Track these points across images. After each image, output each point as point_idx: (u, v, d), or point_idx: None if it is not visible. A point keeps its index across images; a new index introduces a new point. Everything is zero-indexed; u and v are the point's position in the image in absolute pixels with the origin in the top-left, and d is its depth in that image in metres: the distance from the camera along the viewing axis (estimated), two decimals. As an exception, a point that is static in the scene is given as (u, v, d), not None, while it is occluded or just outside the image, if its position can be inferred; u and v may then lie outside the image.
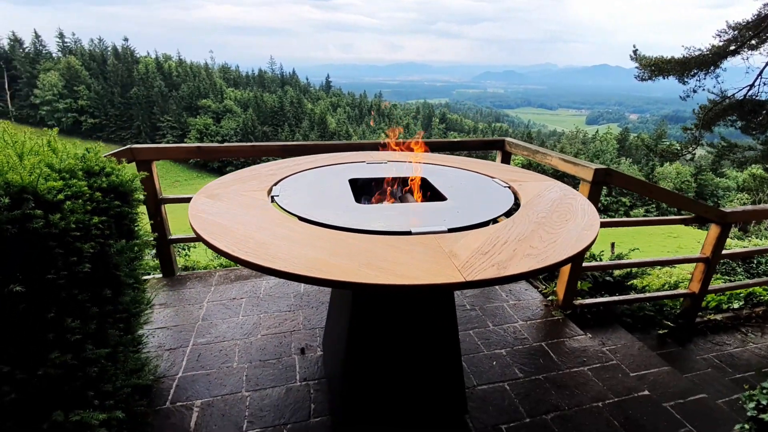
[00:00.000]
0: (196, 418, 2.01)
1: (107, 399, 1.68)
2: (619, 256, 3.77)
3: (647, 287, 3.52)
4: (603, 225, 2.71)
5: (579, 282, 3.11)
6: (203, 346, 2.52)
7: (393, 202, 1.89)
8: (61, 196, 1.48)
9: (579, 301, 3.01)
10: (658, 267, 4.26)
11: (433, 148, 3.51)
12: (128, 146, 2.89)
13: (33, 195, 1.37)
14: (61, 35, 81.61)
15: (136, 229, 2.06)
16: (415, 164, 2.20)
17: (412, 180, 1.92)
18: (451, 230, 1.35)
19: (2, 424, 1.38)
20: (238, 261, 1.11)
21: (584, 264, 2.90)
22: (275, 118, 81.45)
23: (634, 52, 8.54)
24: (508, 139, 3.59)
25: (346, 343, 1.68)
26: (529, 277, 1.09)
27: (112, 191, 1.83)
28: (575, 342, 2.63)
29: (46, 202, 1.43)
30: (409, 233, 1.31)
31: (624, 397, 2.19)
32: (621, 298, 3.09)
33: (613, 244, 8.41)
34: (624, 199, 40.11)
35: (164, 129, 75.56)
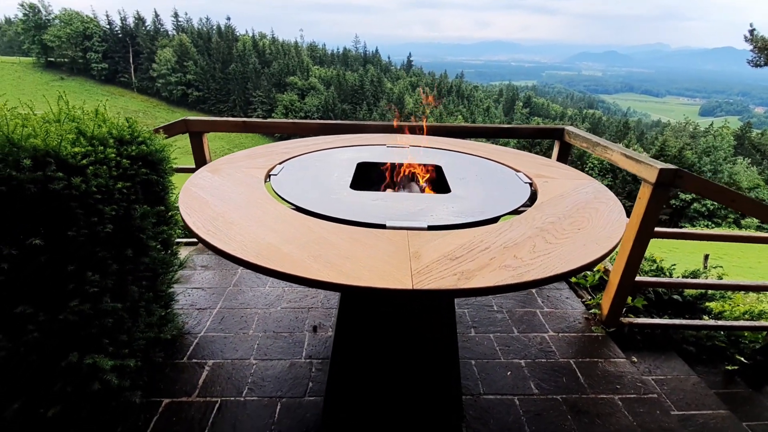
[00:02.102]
0: (204, 376, 2.15)
1: (122, 348, 1.86)
2: (695, 273, 3.21)
3: (724, 314, 2.96)
4: (657, 236, 2.31)
5: (630, 297, 2.71)
6: (227, 311, 2.68)
7: (395, 191, 1.78)
8: (84, 161, 1.61)
9: (628, 320, 2.64)
10: (743, 292, 3.56)
11: (480, 134, 3.27)
12: (183, 118, 3.11)
13: (55, 159, 1.51)
14: (176, 15, 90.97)
15: (166, 196, 2.21)
16: (437, 151, 2.04)
17: (422, 168, 1.78)
18: (431, 227, 1.22)
19: (28, 357, 1.59)
20: (198, 239, 1.11)
21: (638, 278, 2.50)
22: (355, 96, 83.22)
23: (751, 32, 6.96)
24: (568, 127, 3.20)
25: (335, 330, 1.65)
26: (494, 293, 0.93)
27: (140, 159, 1.96)
28: (611, 365, 2.31)
29: (70, 166, 1.57)
30: (383, 226, 1.20)
31: (656, 438, 1.88)
32: (683, 322, 2.64)
33: (706, 257, 7.26)
34: (738, 206, 34.32)
35: (255, 104, 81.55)
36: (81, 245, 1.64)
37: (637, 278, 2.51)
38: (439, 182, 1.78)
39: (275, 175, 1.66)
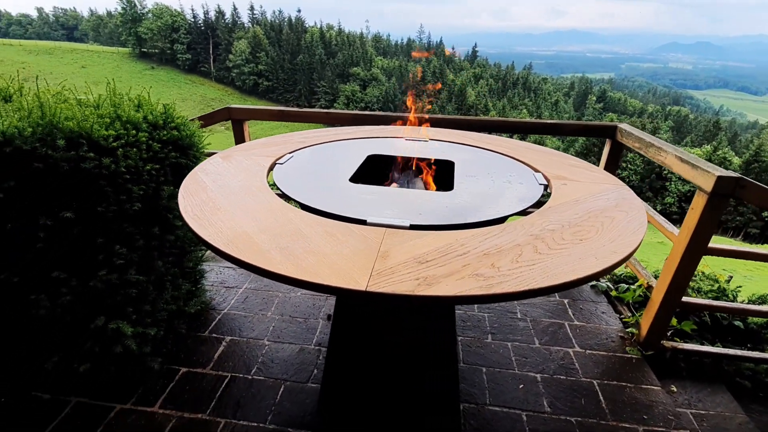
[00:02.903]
0: (220, 351, 2.27)
1: (146, 317, 2.02)
2: (764, 298, 2.76)
3: (797, 349, 2.52)
4: (711, 252, 2.02)
5: (676, 319, 2.42)
6: (252, 291, 2.81)
7: (400, 185, 1.72)
8: (115, 144, 1.75)
9: (672, 344, 2.36)
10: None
11: (518, 129, 3.08)
12: (226, 106, 3.27)
13: (87, 140, 1.65)
14: (252, 8, 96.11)
15: (196, 179, 2.35)
16: (457, 146, 1.94)
17: (432, 163, 1.70)
18: (414, 227, 1.15)
19: (63, 317, 1.79)
20: (183, 222, 1.16)
21: (684, 299, 2.22)
22: (416, 87, 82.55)
23: None
24: (622, 125, 2.89)
25: (332, 322, 1.65)
26: (454, 303, 0.85)
27: (171, 143, 2.10)
28: (641, 392, 2.08)
29: (101, 147, 1.71)
30: (365, 222, 1.16)
31: (680, 481, 1.67)
32: (738, 352, 2.29)
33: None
34: None
35: (319, 94, 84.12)
36: (110, 220, 1.79)
37: (684, 299, 2.23)
38: (448, 179, 1.69)
39: (281, 164, 1.68)
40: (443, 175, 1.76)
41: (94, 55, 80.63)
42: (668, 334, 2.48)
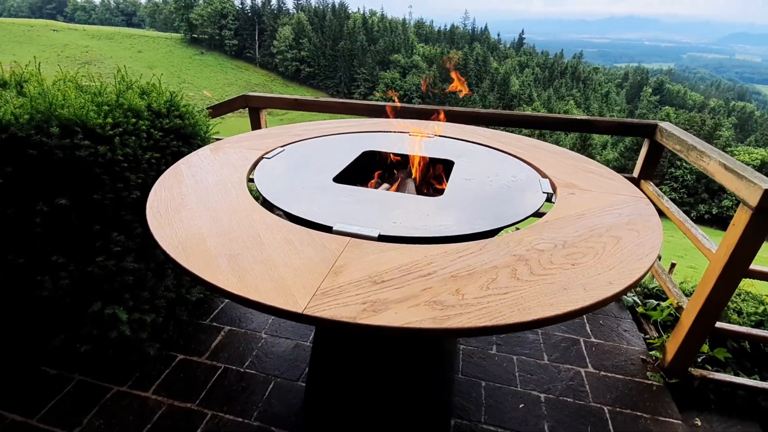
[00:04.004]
0: (218, 340, 2.28)
1: (143, 303, 2.05)
2: (822, 329, 2.41)
3: None
4: (753, 276, 1.77)
5: (707, 345, 2.16)
6: (257, 282, 2.81)
7: (391, 187, 1.59)
8: (112, 132, 1.75)
9: (701, 372, 2.11)
10: None
11: (545, 125, 2.85)
12: (242, 94, 3.26)
13: (83, 128, 1.66)
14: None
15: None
16: (464, 143, 1.78)
17: (428, 163, 1.56)
18: (383, 238, 1.04)
19: (63, 301, 1.84)
20: (146, 219, 1.11)
21: (718, 325, 1.97)
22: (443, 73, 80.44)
23: None
24: (662, 124, 2.60)
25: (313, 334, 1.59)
26: (397, 336, 0.72)
27: (173, 132, 2.09)
28: (658, 425, 1.88)
29: (97, 135, 1.72)
30: (330, 230, 1.07)
31: None
32: (782, 391, 2.02)
33: None
34: None
35: (359, 81, 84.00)
36: (107, 208, 1.81)
37: (719, 324, 1.98)
38: (443, 181, 1.56)
39: (268, 158, 1.61)
40: (441, 176, 1.62)
41: (150, 40, 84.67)
42: (698, 360, 2.22)
